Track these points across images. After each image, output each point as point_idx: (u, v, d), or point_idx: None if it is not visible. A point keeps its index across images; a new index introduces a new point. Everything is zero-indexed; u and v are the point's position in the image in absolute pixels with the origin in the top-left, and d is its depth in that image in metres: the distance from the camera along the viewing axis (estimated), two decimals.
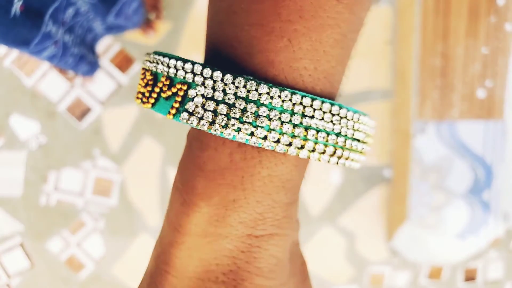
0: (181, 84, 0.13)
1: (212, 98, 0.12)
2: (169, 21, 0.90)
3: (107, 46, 0.90)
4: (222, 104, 0.12)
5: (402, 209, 0.92)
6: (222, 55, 0.14)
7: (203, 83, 0.12)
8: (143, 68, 0.15)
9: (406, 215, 0.90)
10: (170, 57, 0.14)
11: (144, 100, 0.14)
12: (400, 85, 0.92)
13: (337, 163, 0.14)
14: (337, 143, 0.14)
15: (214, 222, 0.13)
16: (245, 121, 0.12)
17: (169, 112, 0.13)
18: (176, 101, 0.13)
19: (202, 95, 0.12)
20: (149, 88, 0.14)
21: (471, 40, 0.85)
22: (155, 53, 0.15)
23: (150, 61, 0.14)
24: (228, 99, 0.12)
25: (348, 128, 0.14)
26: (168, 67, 0.14)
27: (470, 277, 0.99)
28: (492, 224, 0.91)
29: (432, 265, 0.98)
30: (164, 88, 0.13)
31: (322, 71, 0.13)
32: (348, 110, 0.14)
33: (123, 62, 0.91)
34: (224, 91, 0.12)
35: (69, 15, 0.42)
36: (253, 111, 0.12)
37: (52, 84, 0.91)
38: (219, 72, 0.13)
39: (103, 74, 0.91)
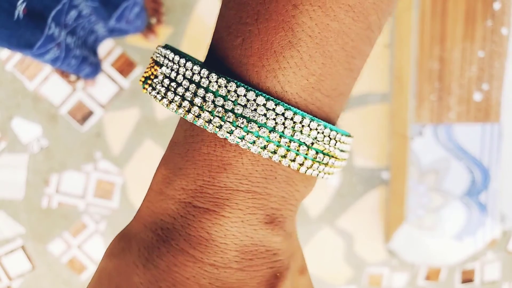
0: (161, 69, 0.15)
1: (180, 83, 0.14)
2: (170, 26, 0.89)
3: (108, 50, 0.89)
4: (197, 97, 0.14)
5: (400, 210, 0.91)
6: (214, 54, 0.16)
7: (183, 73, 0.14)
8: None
9: (404, 216, 0.90)
10: (177, 53, 0.15)
11: (141, 79, 0.16)
12: (398, 88, 0.92)
13: (305, 172, 0.15)
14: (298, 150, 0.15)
15: (166, 183, 0.15)
16: (200, 107, 0.14)
17: (144, 87, 0.15)
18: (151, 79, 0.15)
19: (172, 79, 0.15)
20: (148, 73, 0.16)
21: (468, 44, 0.85)
22: (164, 46, 0.16)
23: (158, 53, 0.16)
24: (200, 91, 0.14)
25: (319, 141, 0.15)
26: (173, 63, 0.15)
27: (467, 278, 0.99)
28: (489, 225, 0.91)
29: (430, 266, 0.98)
30: (148, 71, 0.16)
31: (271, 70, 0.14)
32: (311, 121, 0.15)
33: (124, 66, 0.90)
34: (198, 83, 0.14)
35: (71, 17, 0.42)
36: (209, 100, 0.14)
37: (54, 88, 0.90)
38: (189, 62, 0.14)
39: (104, 78, 0.90)
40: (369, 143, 0.94)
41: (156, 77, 0.15)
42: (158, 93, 0.15)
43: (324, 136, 0.14)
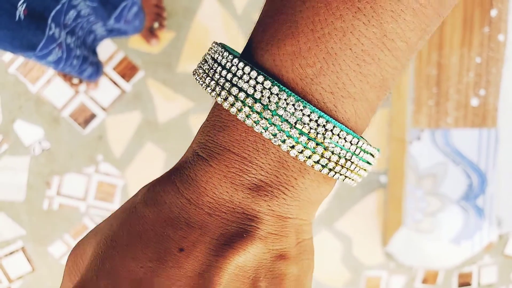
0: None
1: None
2: (172, 30, 0.89)
3: (110, 54, 0.89)
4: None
5: (398, 214, 0.91)
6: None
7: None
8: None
9: (401, 220, 0.89)
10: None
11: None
12: (396, 93, 0.91)
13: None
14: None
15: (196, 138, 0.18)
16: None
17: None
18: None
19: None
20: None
21: (465, 50, 0.84)
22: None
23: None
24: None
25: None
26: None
27: (464, 281, 0.98)
28: (486, 229, 0.90)
29: (427, 269, 0.97)
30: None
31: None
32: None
33: (127, 70, 0.90)
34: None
35: (70, 17, 0.41)
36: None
37: (56, 91, 0.89)
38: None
39: (106, 81, 0.89)
40: None
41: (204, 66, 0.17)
42: (199, 74, 0.17)
43: (312, 121, 0.15)
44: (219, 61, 0.16)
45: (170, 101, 0.90)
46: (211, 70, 0.16)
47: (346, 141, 0.15)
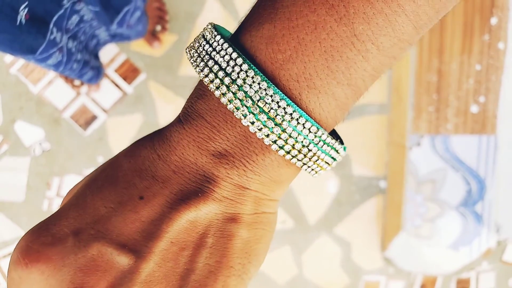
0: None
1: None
2: (174, 33, 0.89)
3: (112, 56, 0.89)
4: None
5: (397, 219, 0.90)
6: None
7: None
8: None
9: (400, 225, 0.89)
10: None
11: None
12: (397, 99, 0.91)
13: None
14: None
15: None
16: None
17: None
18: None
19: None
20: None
21: (465, 57, 0.85)
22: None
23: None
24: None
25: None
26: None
27: (463, 287, 0.98)
28: (484, 235, 0.90)
29: (426, 275, 0.97)
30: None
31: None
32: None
33: (128, 72, 0.89)
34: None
35: (73, 22, 0.41)
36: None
37: (57, 92, 0.89)
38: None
39: (108, 83, 0.89)
40: (367, 152, 0.93)
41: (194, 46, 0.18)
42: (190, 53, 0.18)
43: (273, 102, 0.16)
44: (207, 39, 0.17)
45: (171, 103, 0.90)
46: (199, 47, 0.17)
47: (305, 127, 0.16)
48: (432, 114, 0.86)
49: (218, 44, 0.17)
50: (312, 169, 0.18)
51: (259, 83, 0.16)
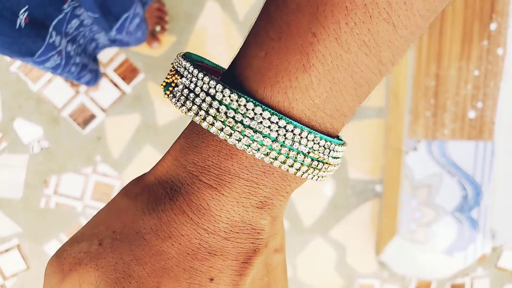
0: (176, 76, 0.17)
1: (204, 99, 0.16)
2: (173, 34, 0.89)
3: (111, 56, 0.89)
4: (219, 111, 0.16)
5: (392, 223, 0.91)
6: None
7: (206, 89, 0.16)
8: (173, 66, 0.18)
9: (396, 229, 0.89)
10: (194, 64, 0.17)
11: (163, 84, 0.18)
12: (394, 103, 0.92)
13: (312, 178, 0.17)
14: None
15: (182, 153, 0.17)
16: (214, 117, 0.16)
17: (165, 93, 0.17)
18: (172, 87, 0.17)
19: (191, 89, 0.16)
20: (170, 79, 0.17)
21: (464, 63, 0.85)
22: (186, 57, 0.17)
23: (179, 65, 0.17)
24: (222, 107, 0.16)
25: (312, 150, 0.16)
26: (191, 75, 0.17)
27: None
28: (480, 241, 0.90)
29: (420, 279, 0.97)
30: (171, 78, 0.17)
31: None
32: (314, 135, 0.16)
33: (127, 72, 0.90)
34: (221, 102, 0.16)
35: (72, 26, 0.41)
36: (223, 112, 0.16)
37: (57, 90, 0.90)
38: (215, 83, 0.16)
39: (107, 83, 0.90)
40: (364, 156, 0.94)
41: (176, 85, 0.17)
42: (178, 100, 0.17)
43: (320, 146, 0.16)
44: (211, 94, 0.16)
45: (170, 104, 0.91)
46: (198, 99, 0.16)
47: (331, 150, 0.17)
48: (429, 119, 0.86)
49: (248, 109, 0.15)
50: (319, 177, 0.18)
51: (300, 135, 0.16)
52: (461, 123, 0.86)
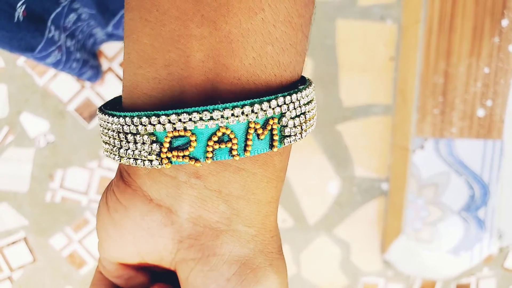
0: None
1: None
2: None
3: (116, 51, 0.88)
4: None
5: (397, 222, 0.89)
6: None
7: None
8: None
9: (401, 228, 0.88)
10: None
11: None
12: (401, 101, 0.90)
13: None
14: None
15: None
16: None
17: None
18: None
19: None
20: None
21: (473, 60, 0.83)
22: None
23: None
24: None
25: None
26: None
27: None
28: (486, 241, 0.88)
29: (425, 279, 0.96)
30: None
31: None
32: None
33: None
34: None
35: (70, 20, 0.41)
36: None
37: (63, 85, 0.89)
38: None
39: (112, 77, 0.89)
40: (370, 154, 0.92)
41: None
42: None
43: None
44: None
45: None
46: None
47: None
48: (437, 117, 0.84)
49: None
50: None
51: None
52: (470, 122, 0.84)
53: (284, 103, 0.14)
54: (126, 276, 0.19)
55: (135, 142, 0.15)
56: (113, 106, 0.17)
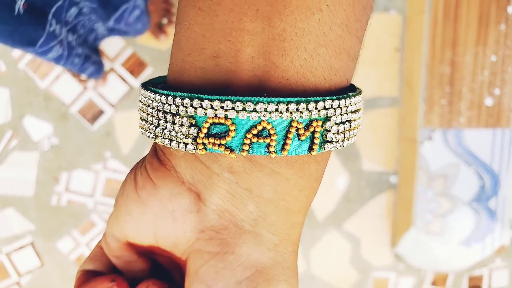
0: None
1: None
2: None
3: (119, 50, 0.87)
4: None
5: (407, 215, 0.88)
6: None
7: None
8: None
9: (411, 221, 0.86)
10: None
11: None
12: (408, 92, 0.88)
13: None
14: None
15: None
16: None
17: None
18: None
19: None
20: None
21: (480, 48, 0.81)
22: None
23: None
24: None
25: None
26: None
27: (475, 284, 0.95)
28: (498, 232, 0.87)
29: (436, 272, 0.94)
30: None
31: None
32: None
33: (135, 66, 0.88)
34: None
35: (71, 14, 0.40)
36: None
37: (65, 87, 0.88)
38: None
39: (115, 78, 0.88)
40: (378, 147, 0.91)
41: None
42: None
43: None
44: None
45: None
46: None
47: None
48: (444, 107, 0.82)
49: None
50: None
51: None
52: (478, 111, 0.83)
53: (332, 107, 0.14)
54: (127, 258, 0.18)
55: (173, 123, 0.14)
56: (155, 86, 0.17)
